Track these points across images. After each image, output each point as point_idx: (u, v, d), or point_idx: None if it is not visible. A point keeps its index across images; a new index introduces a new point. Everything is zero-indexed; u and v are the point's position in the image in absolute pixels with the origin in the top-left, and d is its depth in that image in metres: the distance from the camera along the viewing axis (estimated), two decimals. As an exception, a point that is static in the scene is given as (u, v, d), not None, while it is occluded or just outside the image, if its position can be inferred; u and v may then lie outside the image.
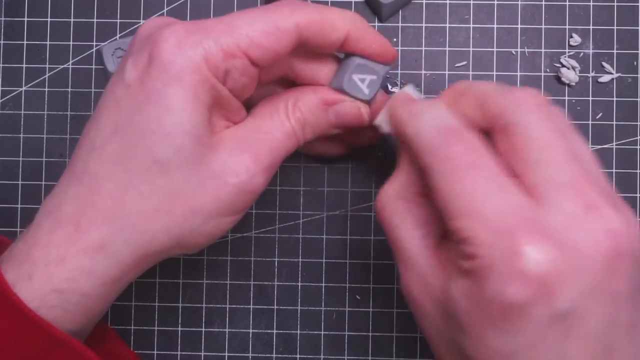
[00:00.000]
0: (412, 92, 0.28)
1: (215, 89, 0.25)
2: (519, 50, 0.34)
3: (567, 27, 0.34)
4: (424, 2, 0.35)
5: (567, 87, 0.34)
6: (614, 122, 0.34)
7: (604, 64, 0.34)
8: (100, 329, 0.30)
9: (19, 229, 0.35)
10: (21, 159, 0.35)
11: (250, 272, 0.35)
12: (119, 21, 0.35)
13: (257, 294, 0.35)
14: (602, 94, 0.34)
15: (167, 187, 0.25)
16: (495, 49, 0.35)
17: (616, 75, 0.34)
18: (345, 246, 0.34)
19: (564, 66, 0.34)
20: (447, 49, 0.35)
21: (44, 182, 0.35)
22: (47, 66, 0.35)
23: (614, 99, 0.34)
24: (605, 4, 0.34)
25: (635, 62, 0.34)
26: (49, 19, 0.35)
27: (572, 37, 0.34)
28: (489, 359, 0.22)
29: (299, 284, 0.35)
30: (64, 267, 0.24)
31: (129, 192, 0.25)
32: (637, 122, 0.34)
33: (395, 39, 0.35)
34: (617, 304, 0.22)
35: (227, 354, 0.35)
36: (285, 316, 0.34)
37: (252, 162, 0.26)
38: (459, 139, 0.23)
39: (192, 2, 0.35)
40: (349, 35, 0.27)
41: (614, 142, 0.34)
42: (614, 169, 0.34)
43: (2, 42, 0.35)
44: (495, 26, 0.35)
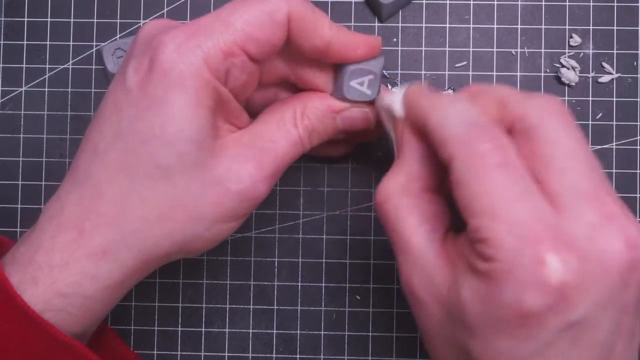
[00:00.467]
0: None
1: (217, 91, 0.25)
2: (519, 50, 0.34)
3: (567, 27, 0.34)
4: (424, 2, 0.35)
5: (567, 88, 0.34)
6: (614, 122, 0.34)
7: (604, 64, 0.34)
8: (100, 329, 0.30)
9: (19, 229, 0.35)
10: (21, 159, 0.35)
11: (250, 272, 0.35)
12: (119, 21, 0.35)
13: (257, 294, 0.35)
14: (602, 94, 0.34)
15: (169, 193, 0.25)
16: (495, 49, 0.34)
17: (616, 75, 0.34)
18: (345, 246, 0.34)
19: (564, 66, 0.34)
20: (447, 49, 0.35)
21: (44, 182, 0.35)
22: (47, 66, 0.35)
23: (614, 99, 0.34)
24: (605, 4, 0.34)
25: (635, 63, 0.34)
26: (49, 19, 0.35)
27: (572, 37, 0.34)
28: None
29: (299, 284, 0.35)
30: (68, 272, 0.24)
31: (132, 198, 0.25)
32: (637, 122, 0.34)
33: (395, 39, 0.35)
34: (624, 314, 0.22)
35: (227, 354, 0.35)
36: (285, 316, 0.34)
37: (256, 170, 0.26)
38: (490, 137, 0.23)
39: (192, 2, 0.35)
40: (332, 45, 0.26)
41: (614, 142, 0.34)
42: (614, 169, 0.34)
43: (2, 42, 0.35)
44: (495, 26, 0.35)
